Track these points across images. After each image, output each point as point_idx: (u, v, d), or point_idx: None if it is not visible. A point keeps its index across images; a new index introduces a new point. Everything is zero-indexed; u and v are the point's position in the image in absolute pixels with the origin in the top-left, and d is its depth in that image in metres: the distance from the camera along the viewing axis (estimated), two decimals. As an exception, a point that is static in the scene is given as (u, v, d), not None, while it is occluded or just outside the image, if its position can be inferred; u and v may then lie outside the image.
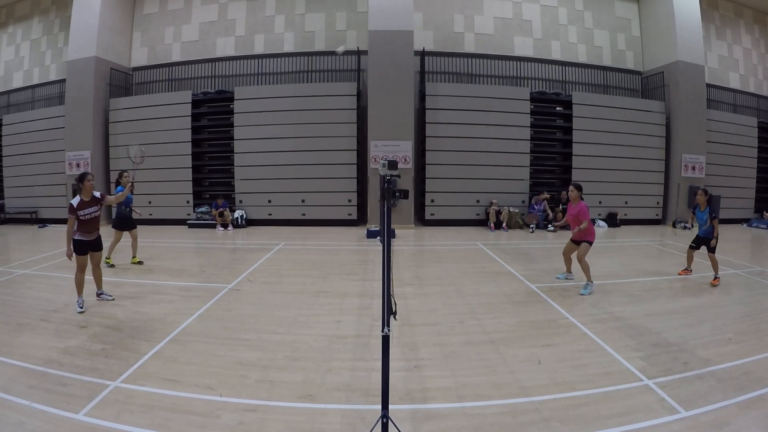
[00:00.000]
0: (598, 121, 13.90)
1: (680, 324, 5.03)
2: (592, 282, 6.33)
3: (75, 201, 5.34)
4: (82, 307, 5.38)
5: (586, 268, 6.33)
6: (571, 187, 6.62)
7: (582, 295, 6.11)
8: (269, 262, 8.42)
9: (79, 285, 5.46)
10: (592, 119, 13.88)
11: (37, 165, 14.60)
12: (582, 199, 6.55)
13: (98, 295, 5.83)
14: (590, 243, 6.47)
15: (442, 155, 13.29)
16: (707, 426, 2.97)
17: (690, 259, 7.37)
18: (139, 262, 8.11)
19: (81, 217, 5.36)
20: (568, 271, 7.04)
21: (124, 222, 8.04)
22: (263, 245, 10.21)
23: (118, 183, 7.96)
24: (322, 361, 4.03)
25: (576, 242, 6.63)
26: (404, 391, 3.48)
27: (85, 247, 5.49)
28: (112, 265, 7.84)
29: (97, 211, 5.54)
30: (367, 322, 5.07)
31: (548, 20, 14.98)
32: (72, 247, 5.38)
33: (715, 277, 6.82)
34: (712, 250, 6.91)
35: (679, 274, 7.26)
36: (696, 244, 7.28)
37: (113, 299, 5.78)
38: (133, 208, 8.27)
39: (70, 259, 5.34)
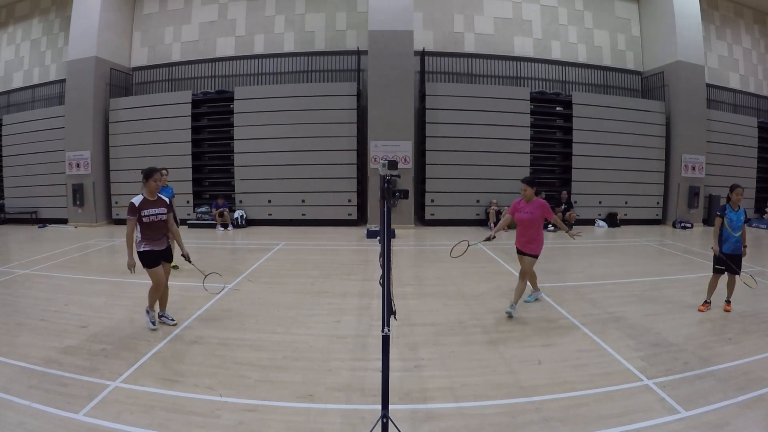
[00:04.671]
0: (598, 121, 13.89)
1: (680, 324, 5.02)
2: (539, 290, 5.85)
3: (137, 199, 4.58)
4: (155, 324, 4.73)
5: (534, 278, 5.65)
6: (523, 185, 5.22)
7: (527, 302, 5.65)
8: (269, 262, 8.42)
9: (153, 298, 4.78)
10: (592, 119, 13.87)
11: (37, 165, 14.61)
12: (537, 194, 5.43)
13: (160, 316, 4.91)
14: (536, 257, 5.32)
15: (442, 155, 13.29)
16: (707, 426, 2.97)
17: (713, 288, 5.53)
18: (174, 266, 7.27)
19: (144, 219, 4.56)
20: (536, 288, 5.86)
21: None
22: (263, 245, 10.21)
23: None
24: (322, 361, 4.03)
25: (522, 254, 5.35)
26: (404, 391, 3.48)
27: (157, 257, 4.67)
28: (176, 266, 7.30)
29: (163, 215, 4.71)
30: (367, 322, 5.07)
31: (548, 20, 14.98)
32: (138, 258, 4.61)
33: (728, 302, 5.54)
34: (737, 270, 5.35)
35: (700, 310, 5.47)
36: (723, 264, 5.37)
37: (175, 323, 4.83)
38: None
39: (132, 271, 4.59)
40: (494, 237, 5.13)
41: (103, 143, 14.05)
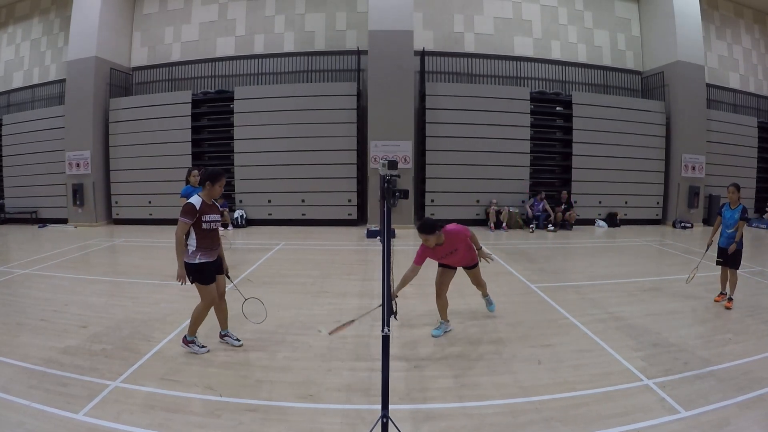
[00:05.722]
0: (598, 121, 13.89)
1: (680, 324, 5.03)
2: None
3: (196, 201, 3.90)
4: (205, 346, 4.19)
5: (485, 284, 5.11)
6: (423, 236, 4.25)
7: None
8: (269, 262, 8.42)
9: (199, 322, 4.15)
10: (592, 119, 13.86)
11: (37, 165, 14.60)
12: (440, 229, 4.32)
13: (222, 336, 4.40)
14: (478, 263, 4.88)
15: (442, 155, 13.28)
16: (707, 426, 2.97)
17: (725, 280, 5.91)
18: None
19: (204, 225, 3.92)
20: (445, 317, 4.80)
21: None
22: (263, 245, 10.21)
23: (187, 182, 6.93)
24: (322, 361, 4.03)
25: (468, 268, 4.87)
26: (404, 391, 3.48)
27: (212, 271, 4.03)
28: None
29: (219, 222, 4.13)
30: (368, 322, 5.07)
31: (548, 20, 14.97)
32: (187, 272, 3.94)
33: (729, 299, 5.72)
34: (734, 264, 5.71)
35: (716, 301, 5.87)
36: (723, 257, 5.86)
37: (241, 344, 4.34)
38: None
39: (184, 282, 3.92)
40: (397, 296, 4.18)
41: (103, 143, 14.04)
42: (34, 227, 13.75)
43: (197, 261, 3.94)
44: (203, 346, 4.20)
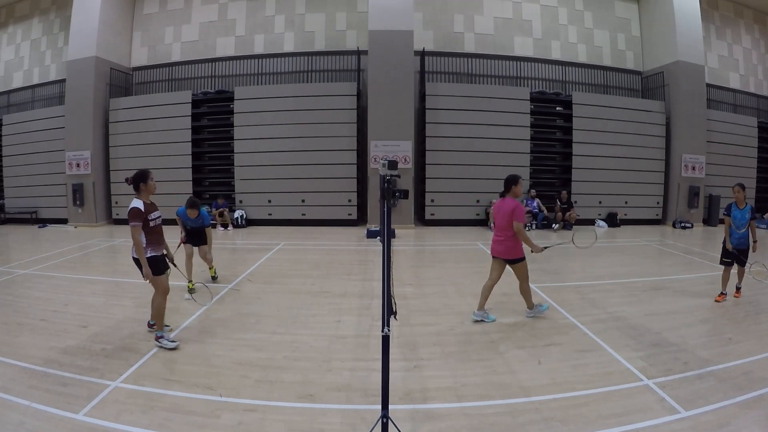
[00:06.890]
0: (598, 121, 13.89)
1: (680, 324, 5.02)
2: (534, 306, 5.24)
3: (139, 203, 4.19)
4: (174, 342, 4.28)
5: (528, 293, 5.16)
6: (514, 186, 5.01)
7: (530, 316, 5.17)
8: (269, 262, 8.42)
9: (162, 313, 4.35)
10: (592, 119, 13.87)
11: (37, 165, 14.61)
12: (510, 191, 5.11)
13: (151, 325, 4.65)
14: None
15: (442, 155, 13.29)
16: (707, 426, 2.97)
17: (726, 280, 5.90)
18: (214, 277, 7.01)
19: (150, 223, 4.28)
20: (482, 308, 5.10)
21: (196, 235, 6.76)
22: (263, 245, 10.21)
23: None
24: (322, 361, 4.03)
25: (506, 261, 5.06)
26: (404, 391, 3.48)
27: (162, 264, 4.37)
28: (193, 290, 6.25)
29: (161, 218, 4.51)
30: (367, 322, 5.07)
31: (548, 20, 14.97)
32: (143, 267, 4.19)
33: (738, 289, 5.98)
34: (743, 262, 5.79)
35: (717, 301, 5.83)
36: (730, 258, 5.85)
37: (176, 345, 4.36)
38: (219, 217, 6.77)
39: (149, 280, 4.19)
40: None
41: (103, 143, 14.05)
42: (34, 227, 13.74)
43: (148, 255, 4.24)
44: (173, 341, 4.29)
